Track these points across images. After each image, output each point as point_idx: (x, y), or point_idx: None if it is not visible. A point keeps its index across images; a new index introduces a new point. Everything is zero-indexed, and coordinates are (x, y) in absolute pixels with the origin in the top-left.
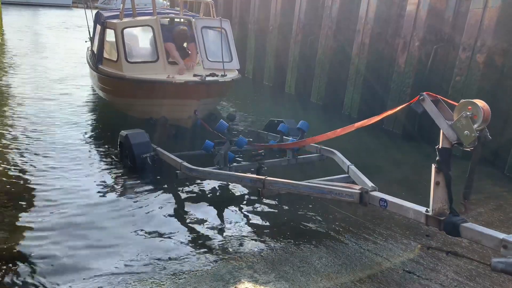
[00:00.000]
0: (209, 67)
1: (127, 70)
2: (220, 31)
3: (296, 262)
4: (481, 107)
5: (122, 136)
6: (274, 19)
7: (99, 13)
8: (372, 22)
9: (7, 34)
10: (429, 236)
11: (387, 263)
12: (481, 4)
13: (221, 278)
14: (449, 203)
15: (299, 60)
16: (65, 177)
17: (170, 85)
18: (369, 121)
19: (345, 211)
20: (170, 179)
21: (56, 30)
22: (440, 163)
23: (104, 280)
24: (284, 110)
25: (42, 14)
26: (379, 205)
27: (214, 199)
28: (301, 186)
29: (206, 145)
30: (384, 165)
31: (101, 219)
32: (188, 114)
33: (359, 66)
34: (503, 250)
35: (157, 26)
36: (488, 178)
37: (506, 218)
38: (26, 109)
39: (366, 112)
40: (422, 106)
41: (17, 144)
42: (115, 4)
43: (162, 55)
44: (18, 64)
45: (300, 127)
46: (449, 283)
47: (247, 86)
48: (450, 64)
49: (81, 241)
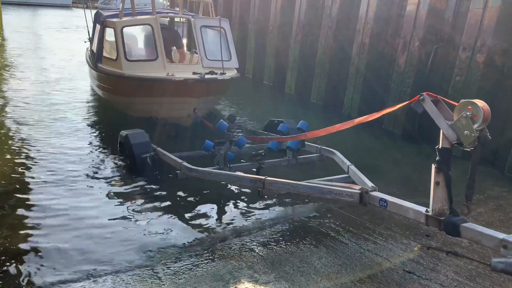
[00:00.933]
0: (208, 65)
1: (127, 68)
2: (219, 30)
3: (296, 262)
4: (481, 107)
5: (122, 136)
6: (274, 19)
7: (98, 13)
8: (372, 22)
9: (7, 34)
10: (429, 236)
11: (387, 263)
12: (481, 4)
13: (221, 278)
14: (449, 203)
15: (299, 60)
16: (65, 177)
17: (169, 82)
18: (369, 117)
19: (345, 211)
20: (170, 179)
21: (56, 30)
22: (440, 163)
23: (104, 280)
24: (284, 110)
25: (41, 14)
26: (379, 205)
27: (214, 199)
28: (301, 186)
29: (206, 145)
30: (384, 165)
31: (101, 219)
32: (188, 112)
33: (359, 66)
34: (503, 250)
35: (156, 25)
36: (488, 178)
37: (506, 218)
38: (25, 109)
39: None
40: (422, 106)
41: (17, 144)
42: (115, 4)
43: (162, 53)
44: (17, 64)
45: (300, 127)
46: (449, 283)
47: (247, 86)
48: (450, 64)
49: (81, 241)
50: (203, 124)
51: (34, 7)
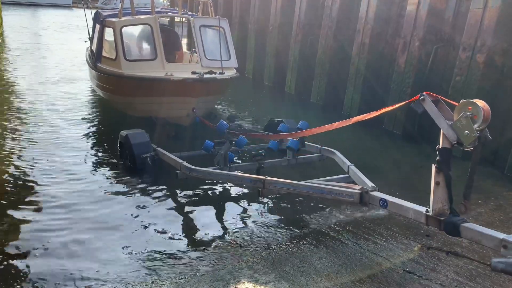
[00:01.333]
0: (207, 65)
1: (126, 68)
2: (219, 30)
3: (296, 262)
4: (481, 107)
5: (122, 136)
6: (274, 19)
7: (98, 13)
8: (372, 22)
9: (7, 34)
10: (429, 236)
11: (387, 263)
12: (481, 4)
13: (221, 278)
14: (449, 203)
15: (299, 60)
16: (65, 178)
17: (168, 82)
18: (367, 116)
19: (345, 211)
20: (170, 179)
21: (56, 30)
22: (440, 163)
23: (104, 280)
24: (284, 110)
25: (41, 14)
26: (379, 205)
27: (214, 199)
28: (301, 186)
29: (206, 145)
30: (384, 165)
31: (101, 219)
32: (187, 112)
33: (359, 66)
34: (503, 250)
35: (155, 25)
36: (488, 178)
37: (506, 218)
38: (25, 110)
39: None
40: (422, 106)
41: (17, 145)
42: (115, 4)
43: (161, 53)
44: (17, 65)
45: (300, 127)
46: (449, 283)
47: (247, 86)
48: (450, 64)
49: (81, 241)
50: (203, 123)
51: (34, 7)
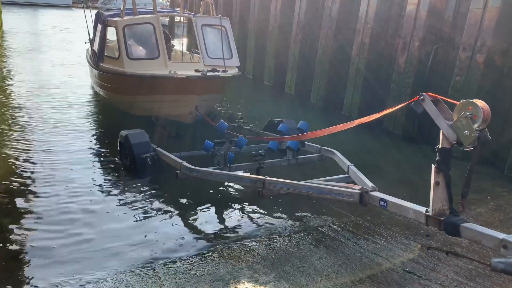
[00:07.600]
0: (209, 64)
1: (129, 66)
2: (220, 29)
3: (296, 262)
4: (481, 107)
5: (122, 136)
6: (274, 19)
7: (99, 13)
8: (372, 22)
9: (7, 34)
10: (429, 236)
11: (387, 263)
12: (481, 4)
13: (221, 278)
14: (449, 203)
15: (299, 60)
16: (65, 177)
17: (171, 80)
18: (369, 118)
19: (345, 211)
20: (170, 179)
21: (56, 30)
22: (440, 163)
23: (104, 280)
24: (284, 110)
25: (41, 14)
26: (379, 205)
27: (214, 199)
28: (301, 186)
29: (206, 145)
30: (384, 165)
31: (101, 219)
32: (189, 110)
33: (359, 66)
34: (503, 250)
35: (158, 24)
36: (488, 178)
37: (506, 218)
38: (25, 110)
39: (366, 112)
40: (422, 106)
41: (17, 145)
42: (115, 4)
43: (163, 52)
44: (16, 65)
45: (300, 127)
46: (449, 283)
47: (247, 86)
48: (450, 64)
49: (81, 240)
50: (206, 120)
51: (34, 7)
